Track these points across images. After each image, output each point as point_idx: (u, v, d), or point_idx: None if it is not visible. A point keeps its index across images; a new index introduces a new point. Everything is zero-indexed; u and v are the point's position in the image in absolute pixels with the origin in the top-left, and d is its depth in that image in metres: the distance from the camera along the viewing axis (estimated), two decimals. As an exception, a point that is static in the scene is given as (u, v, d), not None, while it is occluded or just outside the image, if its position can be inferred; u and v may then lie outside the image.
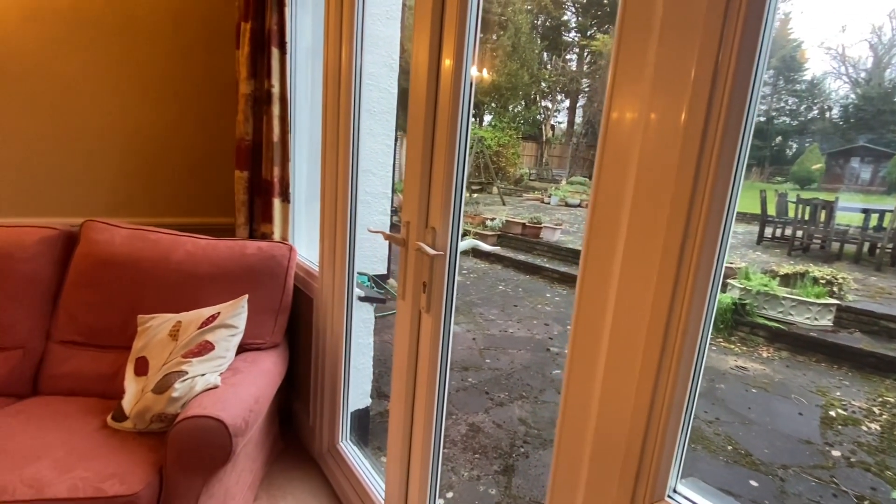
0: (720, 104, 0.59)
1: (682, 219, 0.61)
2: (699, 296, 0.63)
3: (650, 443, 0.69)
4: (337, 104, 1.59)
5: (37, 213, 2.03)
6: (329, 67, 1.60)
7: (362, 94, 1.62)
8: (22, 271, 1.60)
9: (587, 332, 0.74)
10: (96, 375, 1.59)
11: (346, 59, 1.52)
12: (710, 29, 0.58)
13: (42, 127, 2.02)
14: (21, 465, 1.17)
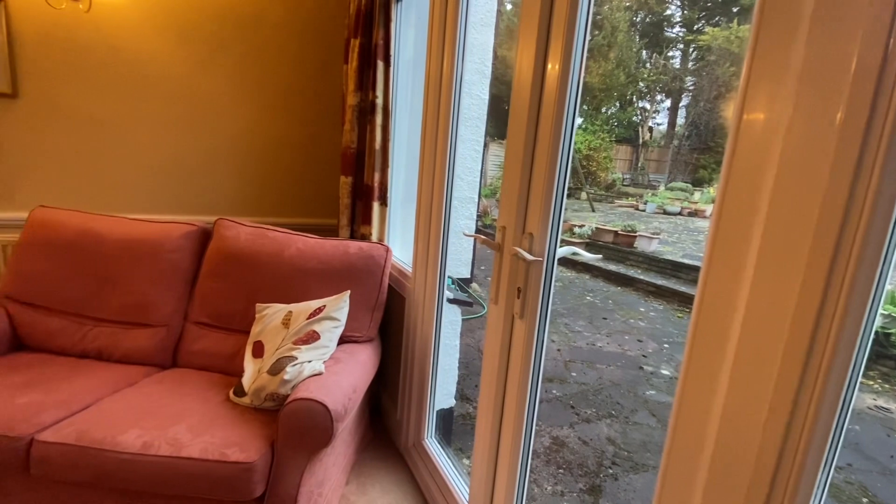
0: (888, 100, 0.51)
1: (834, 232, 0.54)
2: (852, 321, 0.55)
3: (778, 493, 0.61)
4: (436, 112, 1.64)
5: (181, 211, 2.40)
6: (430, 76, 1.66)
7: (454, 100, 1.66)
8: (169, 260, 1.89)
9: (705, 357, 0.68)
10: (221, 354, 1.81)
11: (447, 68, 1.57)
12: (876, 13, 0.50)
13: (186, 139, 2.38)
14: (164, 425, 1.38)
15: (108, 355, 1.81)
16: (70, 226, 1.91)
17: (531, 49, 1.08)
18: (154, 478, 1.25)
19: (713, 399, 0.67)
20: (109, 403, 1.47)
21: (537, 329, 1.15)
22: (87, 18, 2.10)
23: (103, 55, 2.16)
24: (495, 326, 1.27)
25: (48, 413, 1.38)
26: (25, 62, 2.06)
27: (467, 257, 2.08)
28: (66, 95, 2.14)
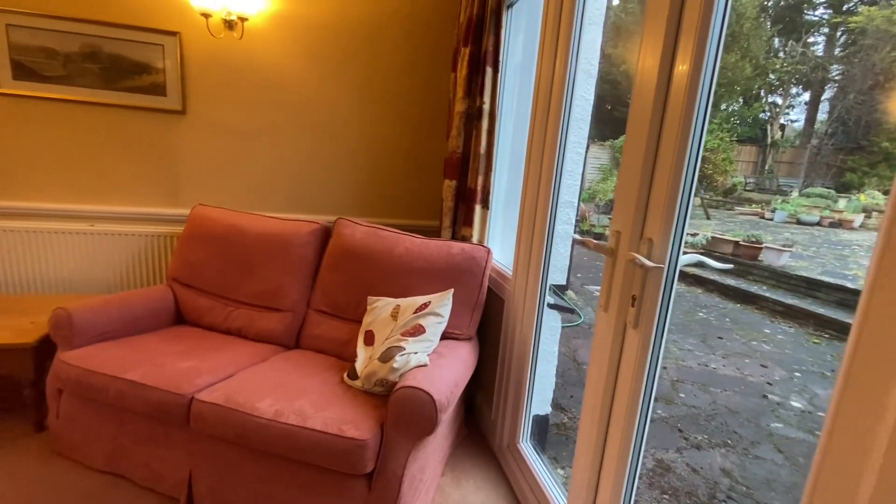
0: None
1: None
2: None
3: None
4: (545, 114, 1.64)
5: (307, 210, 2.69)
6: (541, 79, 1.66)
7: (565, 103, 1.64)
8: (297, 254, 2.13)
9: (861, 402, 0.59)
10: (337, 340, 2.00)
11: (559, 69, 1.56)
12: None
13: (314, 146, 2.66)
14: (291, 397, 1.56)
15: (245, 333, 2.10)
16: (220, 221, 2.25)
17: (657, 46, 1.03)
18: (284, 442, 1.42)
19: (869, 457, 0.58)
20: (248, 374, 1.70)
21: (653, 341, 1.09)
22: (239, 45, 2.46)
23: (249, 75, 2.51)
24: (604, 335, 1.23)
25: (203, 377, 1.65)
26: (191, 84, 2.48)
27: (563, 263, 2.04)
28: (219, 111, 2.53)
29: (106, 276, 2.48)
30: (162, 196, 2.55)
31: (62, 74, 2.32)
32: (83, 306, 1.83)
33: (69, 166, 2.42)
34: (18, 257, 2.37)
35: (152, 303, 2.09)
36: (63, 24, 2.26)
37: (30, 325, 1.96)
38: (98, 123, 2.41)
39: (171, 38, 2.37)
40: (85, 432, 1.75)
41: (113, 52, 2.34)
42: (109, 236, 2.45)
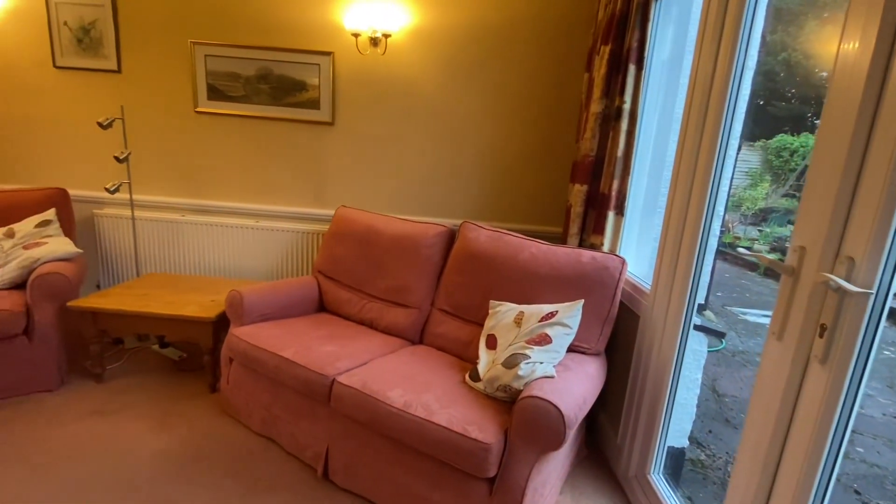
0: None
1: None
2: None
3: None
4: (702, 113, 1.47)
5: (435, 213, 2.81)
6: (698, 75, 1.50)
7: (729, 100, 1.45)
8: (424, 254, 2.23)
9: None
10: (458, 340, 2.04)
11: (722, 63, 1.39)
12: None
13: (442, 152, 2.77)
14: (418, 391, 1.63)
15: (376, 325, 2.26)
16: (359, 222, 2.46)
17: (869, 27, 0.85)
18: (411, 433, 1.49)
19: None
20: (380, 363, 1.83)
21: (848, 381, 0.90)
22: (381, 60, 2.67)
23: (388, 87, 2.71)
24: (775, 369, 1.05)
25: (343, 362, 1.81)
26: (340, 98, 2.75)
27: (704, 280, 1.81)
28: (361, 121, 2.77)
29: (264, 265, 2.88)
30: (311, 197, 2.88)
31: (242, 94, 2.76)
32: (251, 290, 2.14)
33: (242, 171, 2.88)
34: (204, 246, 2.88)
35: (302, 291, 2.36)
36: (245, 51, 2.69)
37: (210, 303, 2.36)
38: (265, 135, 2.82)
39: (326, 58, 2.67)
40: (247, 398, 2.05)
41: (281, 73, 2.72)
42: (269, 231, 2.84)
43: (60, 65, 2.79)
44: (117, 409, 2.14)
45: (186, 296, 2.41)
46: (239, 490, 1.71)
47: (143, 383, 2.37)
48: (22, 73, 2.82)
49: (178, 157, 2.87)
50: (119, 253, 2.93)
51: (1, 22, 2.76)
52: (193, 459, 1.84)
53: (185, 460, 1.84)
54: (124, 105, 2.81)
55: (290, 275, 2.89)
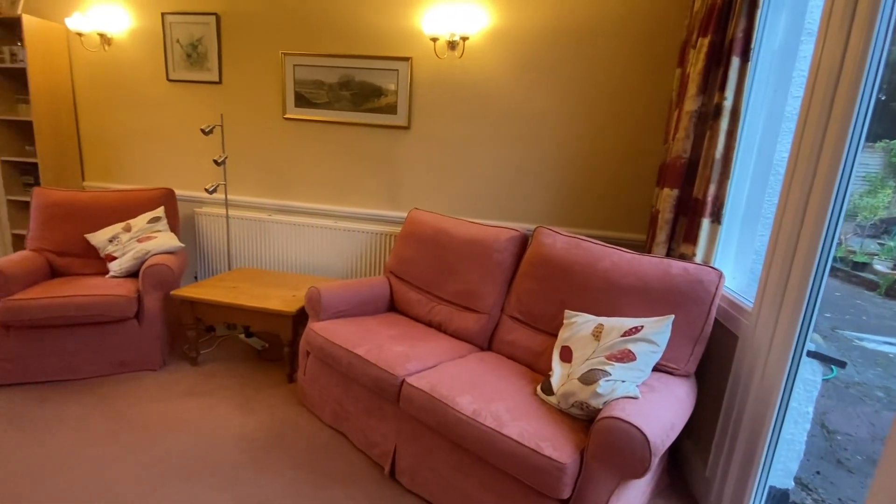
0: None
1: None
2: None
3: None
4: (826, 109, 1.28)
5: (508, 217, 2.75)
6: (821, 66, 1.31)
7: (861, 95, 1.24)
8: (495, 259, 2.18)
9: None
10: (529, 349, 1.97)
11: (853, 48, 1.20)
12: None
13: (516, 154, 2.70)
14: (488, 399, 1.58)
15: (445, 328, 2.25)
16: (431, 224, 2.47)
17: None
18: (480, 443, 1.45)
19: None
20: (449, 367, 1.81)
21: None
22: (458, 63, 2.66)
23: (463, 90, 2.70)
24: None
25: (412, 363, 1.82)
26: (416, 102, 2.79)
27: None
28: (436, 125, 2.78)
29: (340, 263, 3.00)
30: (386, 200, 2.96)
31: (326, 101, 2.90)
32: (328, 287, 2.23)
33: (323, 174, 3.02)
34: (287, 244, 3.06)
35: (374, 290, 2.42)
36: (329, 60, 2.83)
37: (291, 298, 2.49)
38: (345, 139, 2.94)
39: (405, 63, 2.72)
40: (321, 391, 2.13)
41: (361, 79, 2.82)
42: (345, 232, 2.95)
43: (172, 78, 3.11)
44: (208, 391, 2.32)
45: (270, 290, 2.57)
46: (311, 480, 1.77)
47: (230, 369, 2.55)
48: (141, 86, 3.19)
49: (267, 161, 3.09)
50: (214, 248, 3.20)
51: (126, 42, 3.15)
52: (272, 446, 1.95)
53: (265, 445, 1.95)
54: (223, 113, 3.07)
55: (363, 274, 2.98)
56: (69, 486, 1.66)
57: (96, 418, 2.05)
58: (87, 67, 3.26)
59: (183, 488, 1.69)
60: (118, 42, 3.15)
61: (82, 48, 3.21)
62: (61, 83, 3.23)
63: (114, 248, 2.62)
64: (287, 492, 1.70)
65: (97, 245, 2.64)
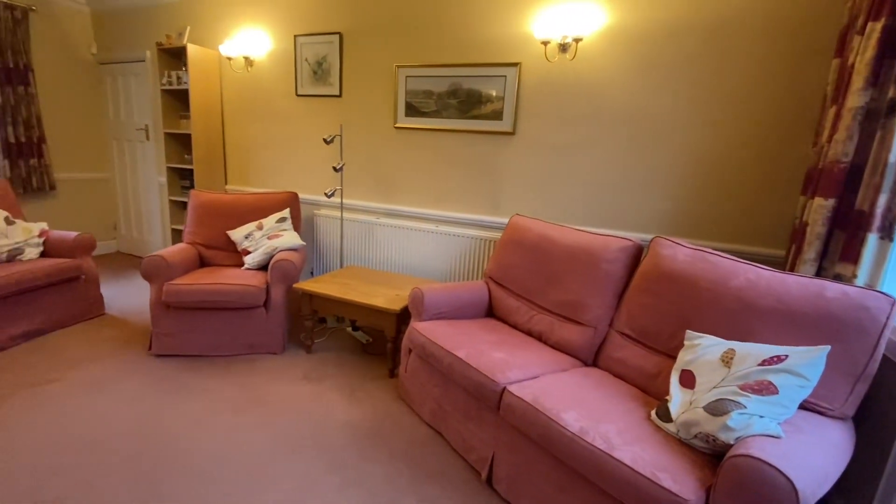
0: None
1: None
2: None
3: None
4: None
5: (618, 226, 2.60)
6: None
7: None
8: (604, 269, 2.06)
9: None
10: (641, 370, 1.83)
11: None
12: None
13: (628, 160, 2.54)
14: (595, 418, 1.50)
15: (545, 338, 2.18)
16: (533, 231, 2.42)
17: None
18: (587, 463, 1.37)
19: None
20: (552, 380, 1.75)
21: None
22: (569, 65, 2.58)
23: (573, 94, 2.61)
24: None
25: (513, 372, 1.79)
26: (522, 107, 2.76)
27: None
28: (542, 130, 2.73)
29: (441, 266, 3.08)
30: (486, 205, 2.97)
31: (434, 109, 3.01)
32: (431, 289, 2.30)
33: (428, 180, 3.13)
34: (393, 245, 3.22)
35: (473, 294, 2.44)
36: (439, 70, 2.92)
37: (395, 297, 2.61)
38: (450, 146, 3.01)
39: (513, 69, 2.71)
40: (420, 388, 2.20)
41: (469, 87, 2.87)
42: (447, 236, 3.02)
43: (300, 93, 3.47)
44: (319, 377, 2.53)
45: (377, 288, 2.72)
46: (409, 474, 1.83)
47: (338, 359, 2.76)
48: (275, 102, 3.60)
49: (377, 167, 3.29)
50: (328, 247, 3.49)
51: (264, 63, 3.58)
52: (374, 436, 2.05)
53: (367, 435, 2.06)
54: (342, 124, 3.34)
55: (461, 277, 3.03)
56: (207, 444, 1.92)
57: (230, 391, 2.34)
58: (233, 86, 3.77)
59: (298, 463, 1.85)
60: (258, 63, 3.60)
61: (231, 70, 3.72)
62: (213, 101, 3.77)
63: (248, 243, 2.98)
64: (386, 482, 1.78)
65: (235, 240, 3.02)
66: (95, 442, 1.90)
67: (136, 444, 1.91)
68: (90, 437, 1.93)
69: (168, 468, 1.78)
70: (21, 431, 1.94)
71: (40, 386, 2.28)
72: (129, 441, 1.92)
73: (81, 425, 2.00)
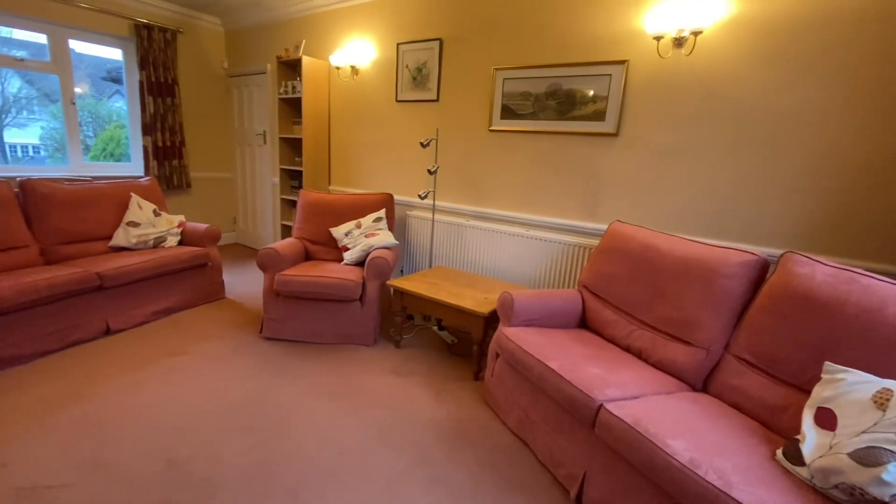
0: None
1: None
2: None
3: None
4: None
5: (737, 238, 2.34)
6: None
7: None
8: (721, 285, 1.86)
9: None
10: (763, 401, 1.61)
11: None
12: None
13: (751, 164, 2.27)
14: (708, 450, 1.35)
15: (646, 356, 2.03)
16: (636, 239, 2.26)
17: None
18: (698, 500, 1.24)
19: None
20: (654, 402, 1.61)
21: None
22: (684, 61, 2.38)
23: (687, 91, 2.39)
24: None
25: (611, 389, 1.68)
26: (628, 107, 2.60)
27: None
28: (649, 130, 2.54)
29: (529, 272, 3.01)
30: (583, 210, 2.84)
31: (531, 111, 2.95)
32: (521, 294, 2.25)
33: (519, 183, 3.08)
34: (481, 248, 3.23)
35: (565, 303, 2.35)
36: (539, 71, 2.86)
37: (483, 300, 2.60)
38: (544, 149, 2.94)
39: (619, 67, 2.57)
40: (507, 395, 2.16)
41: (569, 87, 2.77)
42: (537, 241, 2.95)
43: (400, 99, 3.62)
44: (407, 373, 2.61)
45: (464, 290, 2.74)
46: (494, 483, 1.80)
47: (425, 356, 2.82)
48: (376, 108, 3.80)
49: (469, 170, 3.31)
50: (419, 247, 3.60)
51: (368, 71, 3.79)
52: (458, 437, 2.06)
53: (451, 436, 2.07)
54: (439, 127, 3.42)
55: (552, 285, 2.93)
56: (308, 425, 2.06)
57: (326, 377, 2.50)
58: (339, 94, 4.05)
59: (388, 454, 1.92)
60: (363, 72, 3.82)
61: (338, 78, 4.00)
62: (322, 108, 4.09)
63: (348, 240, 3.17)
64: (471, 486, 1.77)
65: (336, 237, 3.23)
66: (215, 410, 2.15)
67: (248, 416, 2.12)
68: (210, 405, 2.19)
69: (275, 443, 1.95)
70: (158, 394, 2.25)
71: (174, 357, 2.63)
72: (243, 413, 2.14)
73: (203, 394, 2.27)
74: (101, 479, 1.69)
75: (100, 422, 2.01)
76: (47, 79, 3.92)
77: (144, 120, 4.28)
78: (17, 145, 4.50)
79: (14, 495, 1.60)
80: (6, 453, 1.79)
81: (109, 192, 3.29)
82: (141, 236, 3.23)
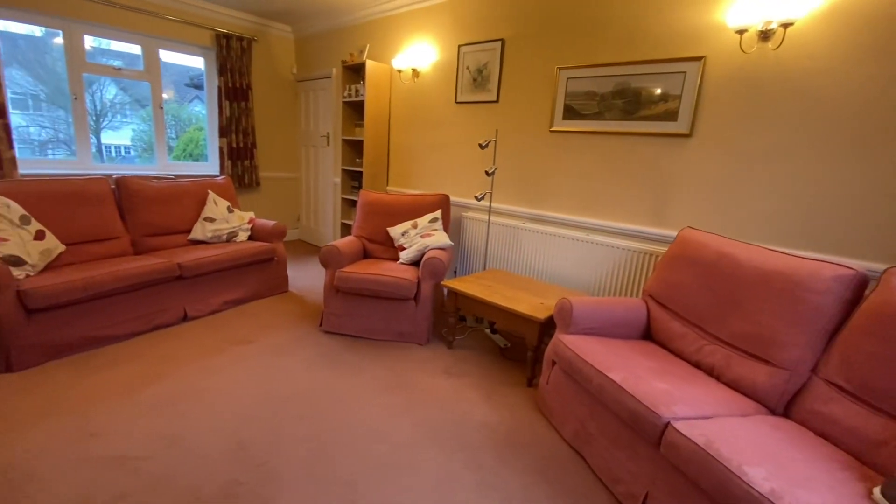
0: None
1: None
2: None
3: None
4: None
5: (829, 250, 2.12)
6: None
7: None
8: (810, 301, 1.69)
9: None
10: (858, 433, 1.45)
11: None
12: None
13: (848, 167, 2.04)
14: (791, 481, 1.23)
15: (718, 374, 1.88)
16: (710, 247, 2.11)
17: None
18: (782, 537, 1.13)
19: None
20: (728, 424, 1.49)
21: None
22: (770, 56, 2.19)
23: (773, 89, 2.20)
24: None
25: (679, 407, 1.58)
26: (704, 106, 2.43)
27: None
28: (728, 131, 2.36)
29: (589, 278, 2.90)
30: (649, 215, 2.70)
31: (595, 111, 2.85)
32: (580, 301, 2.17)
33: (580, 185, 2.98)
34: (537, 251, 3.16)
35: (628, 313, 2.24)
36: (605, 69, 2.76)
37: (539, 305, 2.54)
38: (609, 150, 2.82)
39: (695, 64, 2.41)
40: (562, 404, 2.09)
41: (637, 86, 2.64)
42: (598, 246, 2.84)
43: (459, 100, 3.63)
44: (459, 373, 2.60)
45: (519, 293, 2.69)
46: (547, 493, 1.75)
47: (477, 359, 2.80)
48: (435, 109, 3.83)
49: (527, 171, 3.26)
50: (473, 248, 3.59)
51: (429, 73, 3.83)
52: (511, 443, 2.02)
53: (504, 441, 2.04)
54: (498, 128, 3.39)
55: (613, 292, 2.81)
56: (363, 418, 2.11)
57: (381, 373, 2.55)
58: (400, 96, 4.13)
59: (440, 455, 1.92)
60: (423, 74, 3.87)
61: (399, 81, 4.08)
62: (383, 110, 4.19)
63: (404, 240, 3.23)
64: (522, 494, 1.73)
65: (393, 236, 3.30)
66: (277, 398, 2.26)
67: (307, 405, 2.21)
68: (273, 392, 2.30)
69: (332, 433, 2.02)
70: (228, 380, 2.40)
71: (243, 345, 2.80)
72: (303, 402, 2.23)
73: (268, 382, 2.40)
74: (178, 454, 1.83)
75: (178, 401, 2.18)
76: (139, 86, 4.32)
77: (221, 123, 4.61)
78: (112, 146, 5.01)
79: (105, 464, 1.77)
80: (98, 424, 1.99)
81: (190, 190, 3.57)
82: (216, 231, 3.48)
